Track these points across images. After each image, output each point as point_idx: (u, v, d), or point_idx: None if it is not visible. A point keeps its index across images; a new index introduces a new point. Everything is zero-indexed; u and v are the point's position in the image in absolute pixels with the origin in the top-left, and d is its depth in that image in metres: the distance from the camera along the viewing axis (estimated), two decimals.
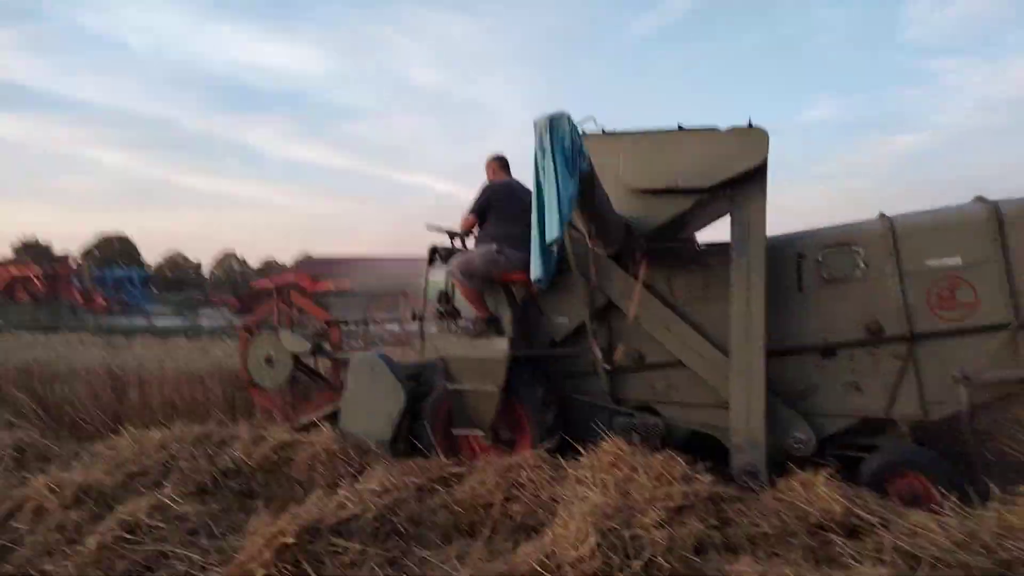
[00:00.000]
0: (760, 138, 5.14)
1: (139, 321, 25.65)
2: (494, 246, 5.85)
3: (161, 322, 24.94)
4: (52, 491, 4.68)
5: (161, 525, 4.15)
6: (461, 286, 6.02)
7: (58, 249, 51.76)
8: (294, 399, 7.07)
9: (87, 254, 55.43)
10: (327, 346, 7.10)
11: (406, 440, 5.99)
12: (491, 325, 5.97)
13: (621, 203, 5.48)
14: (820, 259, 5.39)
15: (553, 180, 4.35)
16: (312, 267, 36.34)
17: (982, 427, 5.63)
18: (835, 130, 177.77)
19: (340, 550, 3.74)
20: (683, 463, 4.54)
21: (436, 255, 6.24)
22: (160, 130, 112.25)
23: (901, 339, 5.14)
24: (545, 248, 4.61)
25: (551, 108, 4.57)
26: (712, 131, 5.32)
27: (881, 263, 5.17)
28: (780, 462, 5.09)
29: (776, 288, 5.42)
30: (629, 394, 6.00)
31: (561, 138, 4.35)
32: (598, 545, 3.49)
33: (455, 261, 6.03)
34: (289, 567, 3.54)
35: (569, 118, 4.41)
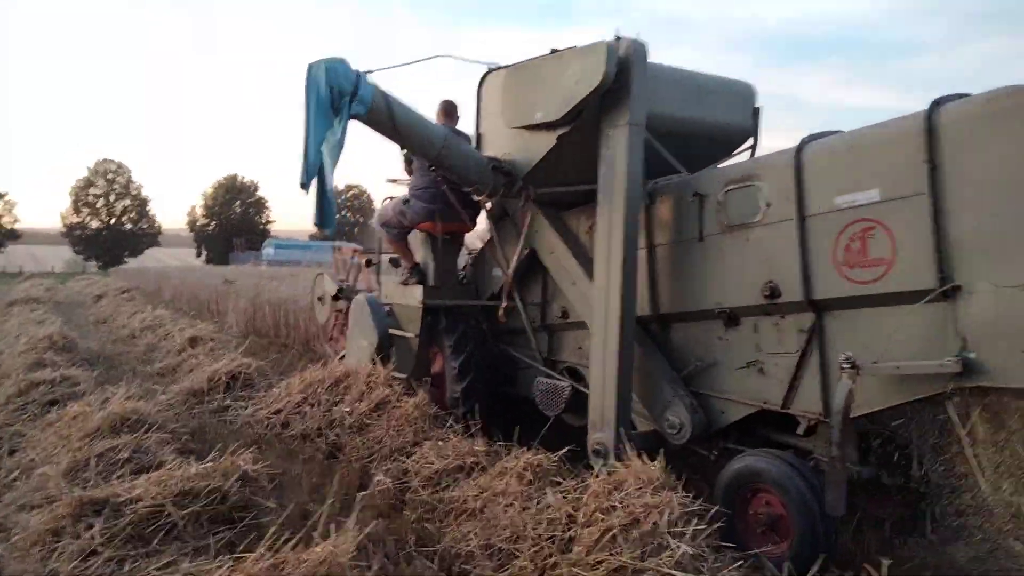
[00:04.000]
0: (598, 53, 4.29)
1: None
2: (405, 196, 6.25)
3: None
4: None
5: None
6: (384, 236, 6.60)
7: None
8: (337, 334, 7.94)
9: None
10: (347, 291, 7.77)
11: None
12: (416, 274, 6.31)
13: (505, 143, 5.23)
14: (721, 200, 4.32)
15: (304, 127, 4.44)
16: None
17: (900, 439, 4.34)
18: None
19: None
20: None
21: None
22: None
23: (801, 307, 3.97)
24: (321, 194, 4.55)
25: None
26: (564, 52, 4.66)
27: (783, 203, 3.99)
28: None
29: (677, 239, 4.61)
30: (559, 354, 5.74)
31: (316, 85, 4.42)
32: None
33: (378, 212, 6.65)
34: None
35: (335, 65, 4.46)
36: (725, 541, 3.59)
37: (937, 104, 3.44)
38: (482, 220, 6.29)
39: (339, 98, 4.51)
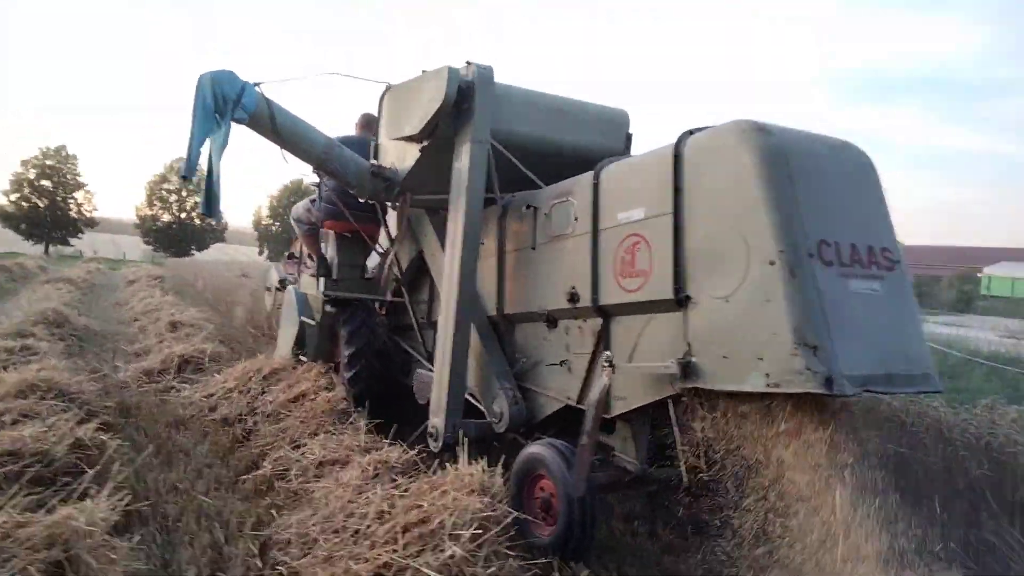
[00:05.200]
0: (442, 76, 4.77)
1: None
2: (314, 196, 6.90)
3: None
4: None
5: None
6: (297, 231, 7.32)
7: None
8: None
9: None
10: (288, 282, 8.12)
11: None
12: (322, 267, 6.85)
13: (392, 153, 5.67)
14: (547, 213, 4.79)
15: (190, 128, 5.01)
16: None
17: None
18: None
19: None
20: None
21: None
22: None
23: (592, 312, 4.40)
24: (208, 187, 5.20)
25: None
26: (425, 74, 5.08)
27: (585, 218, 4.44)
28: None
29: (519, 247, 5.08)
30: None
31: (203, 92, 5.01)
32: None
33: (293, 209, 7.41)
34: None
35: (222, 75, 5.07)
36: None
37: (688, 134, 3.85)
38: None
39: (224, 104, 5.08)
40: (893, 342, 3.47)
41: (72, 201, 57.25)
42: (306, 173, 6.34)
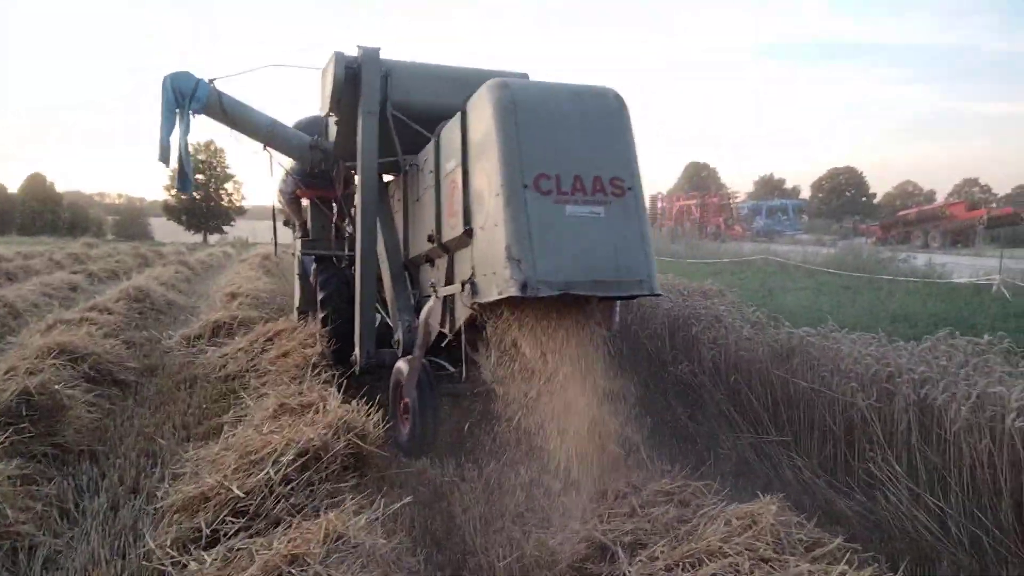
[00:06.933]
0: (333, 59, 5.68)
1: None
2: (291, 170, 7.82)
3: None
4: None
5: None
6: (282, 199, 8.40)
7: (789, 183, 68.81)
8: None
9: (815, 186, 70.67)
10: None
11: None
12: (302, 230, 8.12)
13: (331, 128, 6.56)
14: (421, 169, 5.61)
15: (160, 119, 6.10)
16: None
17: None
18: None
19: None
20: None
21: None
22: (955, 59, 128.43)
23: (440, 250, 5.12)
24: (180, 167, 6.42)
25: None
26: (330, 58, 5.86)
27: (433, 169, 5.18)
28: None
29: (411, 199, 5.88)
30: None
31: (166, 90, 6.10)
32: None
33: (279, 181, 8.36)
34: None
35: (179, 75, 6.15)
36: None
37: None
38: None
39: (182, 99, 6.22)
40: (607, 255, 4.03)
41: (224, 192, 62.39)
42: (257, 151, 7.10)
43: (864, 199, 69.36)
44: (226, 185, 62.34)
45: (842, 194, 69.53)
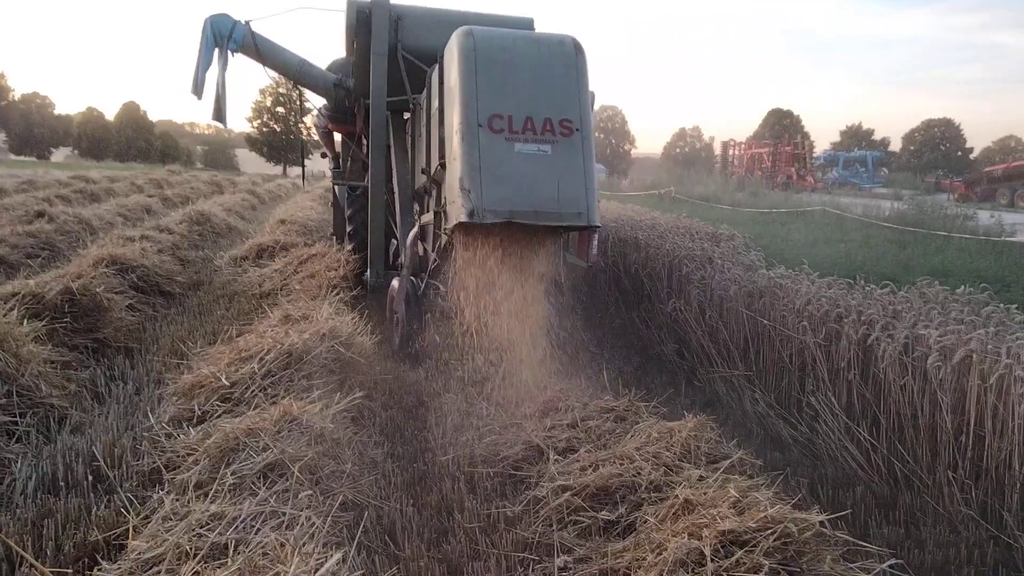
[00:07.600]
0: (347, 5, 6.33)
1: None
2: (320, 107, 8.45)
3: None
4: None
5: None
6: (317, 134, 9.17)
7: (879, 135, 67.53)
8: None
9: (907, 138, 68.74)
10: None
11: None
12: (335, 161, 8.83)
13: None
14: (422, 106, 5.98)
15: (197, 58, 6.76)
16: None
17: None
18: None
19: None
20: None
21: None
22: None
23: (432, 182, 5.53)
24: (217, 100, 7.04)
25: None
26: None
27: (427, 106, 5.65)
28: None
29: (417, 135, 6.26)
30: None
31: (206, 32, 6.75)
32: None
33: (312, 116, 9.26)
34: None
35: (218, 18, 6.77)
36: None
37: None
38: None
39: (221, 39, 6.94)
40: (550, 189, 4.53)
41: (304, 125, 63.83)
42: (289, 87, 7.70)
43: (960, 154, 65.30)
44: (304, 119, 63.73)
45: (936, 148, 65.50)
